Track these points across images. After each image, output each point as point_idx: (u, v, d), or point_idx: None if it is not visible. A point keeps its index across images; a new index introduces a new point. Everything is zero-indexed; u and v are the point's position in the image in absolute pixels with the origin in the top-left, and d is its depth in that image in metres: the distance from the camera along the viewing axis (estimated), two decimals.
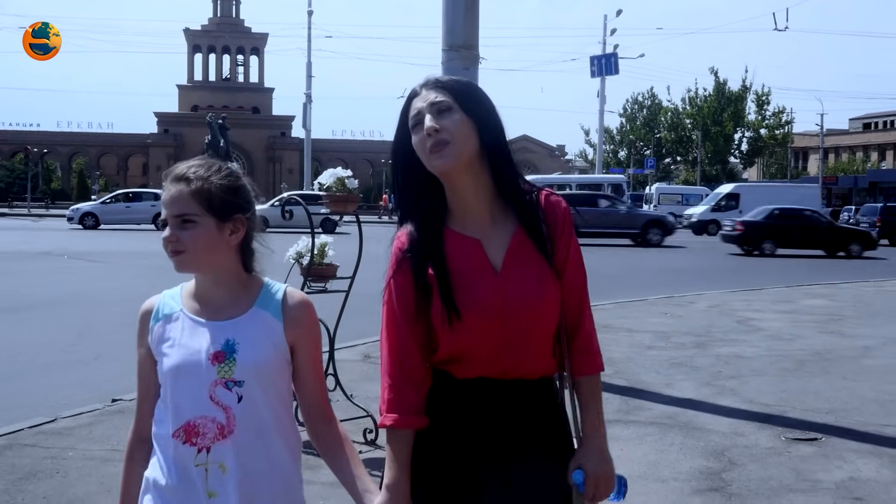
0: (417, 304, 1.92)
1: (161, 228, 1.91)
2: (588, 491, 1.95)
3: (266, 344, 1.89)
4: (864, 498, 4.33)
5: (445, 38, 7.76)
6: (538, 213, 1.96)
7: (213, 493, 1.85)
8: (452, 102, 1.89)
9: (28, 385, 7.06)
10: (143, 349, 1.94)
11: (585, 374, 2.00)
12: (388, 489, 1.88)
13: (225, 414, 1.85)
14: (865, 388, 6.94)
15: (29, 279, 15.13)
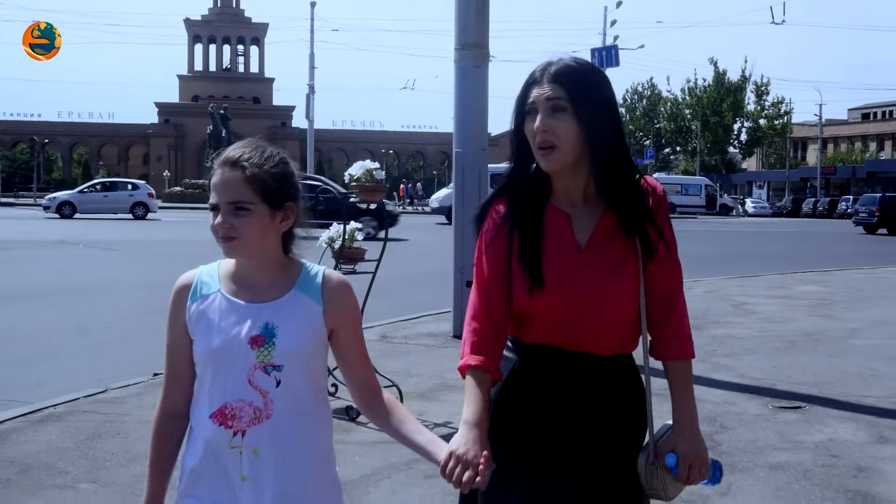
0: (506, 261, 2.00)
1: (212, 211, 1.85)
2: (681, 473, 1.97)
3: (305, 328, 1.88)
4: (840, 455, 4.85)
5: (458, 38, 8.25)
6: (633, 197, 2.00)
7: (246, 476, 1.84)
8: (566, 102, 1.93)
9: (69, 363, 7.58)
10: (178, 326, 1.89)
11: (676, 358, 2.03)
12: (466, 424, 1.91)
13: (262, 398, 1.84)
14: (849, 364, 7.47)
15: (51, 266, 15.69)
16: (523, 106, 1.99)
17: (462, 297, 8.44)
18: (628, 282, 1.97)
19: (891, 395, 6.29)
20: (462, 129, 8.40)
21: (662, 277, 2.01)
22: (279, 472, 1.84)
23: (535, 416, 2.00)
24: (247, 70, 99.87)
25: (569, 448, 1.98)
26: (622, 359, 2.04)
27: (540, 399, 2.00)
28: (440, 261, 12.58)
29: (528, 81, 2.00)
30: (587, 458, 1.98)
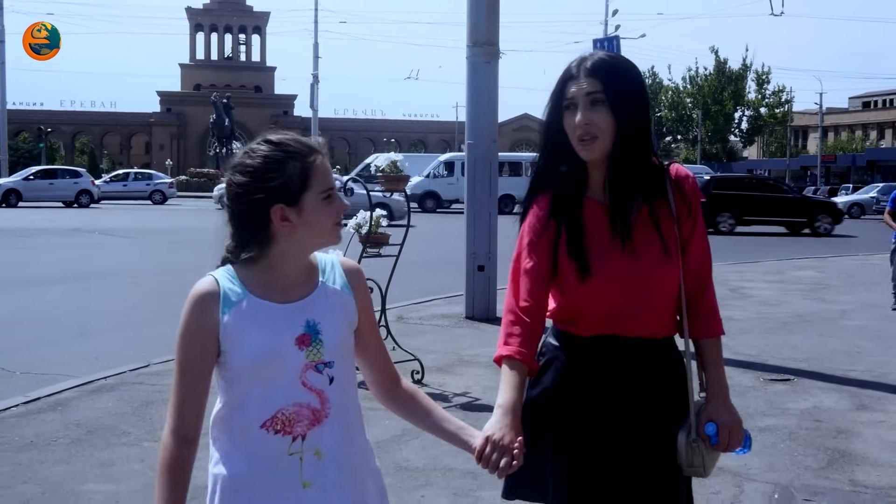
0: (549, 257, 2.07)
1: (333, 203, 1.79)
2: (722, 441, 2.04)
3: (343, 319, 1.84)
4: (823, 420, 5.36)
5: (470, 35, 8.73)
6: (666, 186, 2.08)
7: (308, 482, 1.77)
8: (604, 96, 2.01)
9: (107, 341, 8.09)
10: (202, 339, 1.73)
11: (708, 335, 2.11)
12: (501, 408, 1.94)
13: (318, 398, 1.78)
14: (838, 342, 7.98)
15: (71, 252, 16.22)
16: (561, 100, 2.05)
17: (474, 280, 8.96)
18: (669, 266, 2.04)
19: (874, 370, 6.80)
20: (474, 122, 8.88)
21: (694, 261, 2.09)
22: (343, 472, 1.80)
23: (589, 405, 2.06)
24: (248, 59, 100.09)
25: (619, 432, 2.04)
26: (668, 342, 2.12)
27: (596, 383, 2.06)
28: (448, 247, 13.09)
29: (564, 77, 2.06)
30: (634, 440, 2.04)
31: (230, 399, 1.76)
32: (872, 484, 4.29)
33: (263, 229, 1.76)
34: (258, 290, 1.76)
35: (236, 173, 1.78)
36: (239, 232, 1.79)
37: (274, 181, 1.74)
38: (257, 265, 1.78)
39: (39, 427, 4.98)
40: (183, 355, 1.75)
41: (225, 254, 1.82)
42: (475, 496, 4.03)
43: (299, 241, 1.78)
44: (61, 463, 4.40)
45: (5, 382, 6.28)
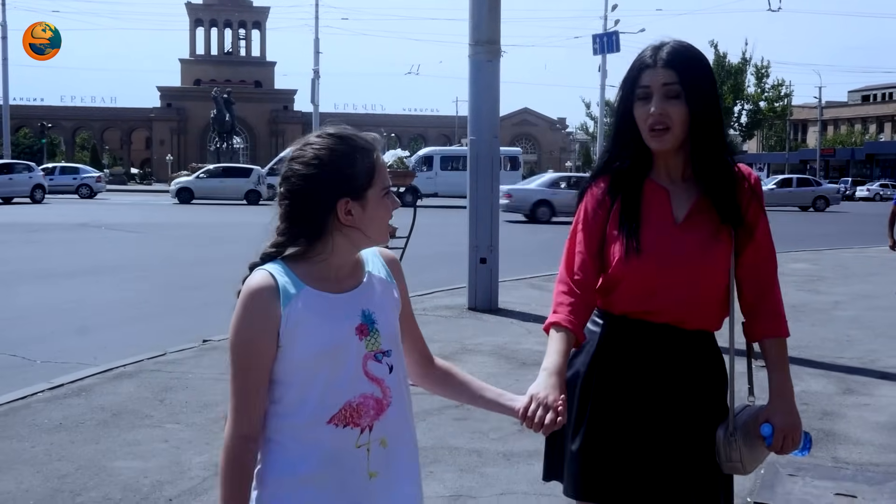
0: (601, 232, 2.11)
1: (390, 200, 1.82)
2: (776, 443, 2.05)
3: (393, 307, 1.85)
4: (810, 403, 5.63)
5: (472, 34, 8.98)
6: (728, 180, 2.08)
7: (374, 472, 1.77)
8: (680, 89, 2.01)
9: (122, 331, 8.36)
10: (264, 336, 1.70)
11: (773, 336, 2.12)
12: (545, 370, 1.96)
13: (380, 387, 1.77)
14: (829, 331, 8.25)
15: (81, 247, 16.51)
16: (634, 88, 2.05)
17: (476, 272, 9.22)
18: (719, 259, 2.04)
19: (862, 357, 7.07)
20: (476, 118, 9.14)
21: (759, 261, 2.10)
22: (404, 459, 1.83)
23: (621, 384, 2.08)
24: (248, 54, 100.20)
25: (651, 417, 2.05)
26: (705, 335, 2.11)
27: (626, 368, 2.08)
28: (449, 242, 13.35)
29: (638, 65, 2.05)
30: (667, 429, 2.05)
31: (288, 397, 1.73)
32: (853, 460, 4.56)
33: (322, 222, 1.73)
34: (313, 281, 1.74)
35: (300, 164, 1.74)
36: (295, 225, 1.75)
37: (343, 174, 1.73)
38: (307, 259, 1.75)
39: (66, 411, 5.25)
40: (244, 352, 1.70)
41: (269, 249, 1.76)
42: (480, 472, 4.29)
43: (356, 235, 1.76)
44: (90, 443, 4.67)
45: (28, 371, 6.55)
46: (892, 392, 5.97)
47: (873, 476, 4.33)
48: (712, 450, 2.06)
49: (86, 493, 3.95)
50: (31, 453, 4.49)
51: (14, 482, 4.08)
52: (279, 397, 1.73)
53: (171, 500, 3.89)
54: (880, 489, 4.16)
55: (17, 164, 36.13)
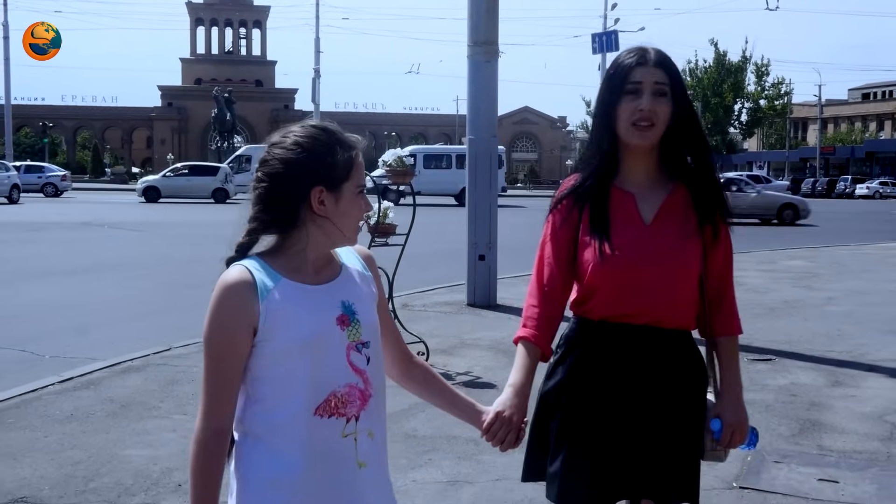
0: (570, 245, 2.16)
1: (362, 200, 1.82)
2: (724, 438, 2.14)
3: (370, 299, 1.86)
4: (798, 395, 5.79)
5: (470, 35, 9.15)
6: (710, 178, 2.18)
7: (363, 463, 1.78)
8: (669, 89, 2.11)
9: (126, 327, 8.53)
10: (240, 329, 1.69)
11: (726, 334, 2.19)
12: (511, 387, 2.10)
13: (361, 378, 1.78)
14: (820, 326, 8.41)
15: (84, 246, 16.68)
16: (623, 84, 2.09)
17: (475, 270, 9.38)
18: (691, 258, 2.10)
19: (851, 350, 7.23)
20: (474, 118, 9.31)
21: (721, 263, 2.17)
22: (385, 449, 1.86)
23: (605, 388, 2.13)
24: (249, 53, 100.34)
25: (636, 416, 2.12)
26: (683, 334, 2.16)
27: (609, 372, 2.13)
28: (449, 240, 13.51)
29: (628, 65, 2.10)
30: (652, 426, 2.11)
31: (271, 393, 1.72)
32: (838, 448, 4.72)
33: (295, 211, 1.74)
34: (290, 273, 1.74)
35: (280, 149, 1.76)
36: (268, 210, 1.75)
37: (321, 163, 1.74)
38: (283, 251, 1.77)
39: (76, 402, 5.42)
40: (218, 346, 1.70)
41: (242, 238, 1.79)
42: (476, 459, 4.45)
43: (327, 228, 1.77)
44: (101, 432, 4.84)
45: (37, 365, 6.71)
46: (879, 384, 6.13)
47: (856, 463, 4.50)
48: (693, 440, 2.15)
49: (98, 479, 4.12)
50: (45, 442, 4.66)
51: (30, 469, 4.25)
52: (262, 395, 1.72)
53: (181, 485, 4.05)
54: (862, 475, 4.32)
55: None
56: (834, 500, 3.99)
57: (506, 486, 4.07)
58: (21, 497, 3.90)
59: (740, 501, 3.95)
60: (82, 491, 3.98)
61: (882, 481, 4.23)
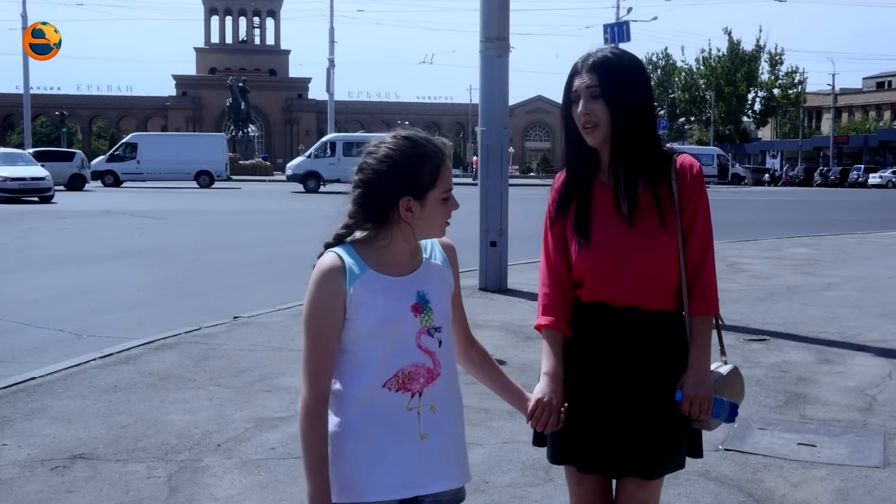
0: (564, 235, 2.38)
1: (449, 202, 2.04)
2: (684, 407, 2.29)
3: (446, 290, 2.08)
4: (788, 371, 6.20)
5: (483, 31, 9.54)
6: (670, 173, 2.31)
7: (425, 434, 2.00)
8: (599, 90, 2.26)
9: (156, 309, 9.00)
10: (334, 309, 1.95)
11: (700, 314, 2.32)
12: (546, 375, 2.33)
13: (431, 359, 2.01)
14: (817, 310, 8.79)
15: (108, 233, 17.26)
16: (569, 94, 2.32)
17: (487, 256, 9.80)
18: (666, 246, 2.27)
19: (844, 332, 7.62)
20: (486, 110, 9.72)
21: (693, 244, 2.30)
22: (453, 424, 2.07)
23: (593, 363, 2.33)
24: (263, 42, 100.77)
25: (622, 387, 2.30)
26: (666, 314, 2.32)
27: (596, 348, 2.33)
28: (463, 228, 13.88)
29: (571, 73, 2.32)
30: (637, 396, 2.30)
31: (349, 366, 1.98)
32: (819, 417, 5.13)
33: (386, 213, 1.98)
34: (375, 265, 1.98)
35: (373, 158, 2.01)
36: (363, 210, 2.01)
37: (409, 175, 1.97)
38: (372, 244, 2.00)
39: (118, 375, 5.88)
40: (318, 322, 1.96)
41: (340, 229, 2.04)
42: (486, 425, 4.89)
43: (414, 229, 2.01)
44: (144, 401, 5.30)
45: (77, 343, 7.20)
46: (865, 362, 6.52)
47: (834, 429, 4.90)
48: (676, 412, 2.31)
49: (146, 440, 4.58)
50: (94, 409, 5.13)
51: (83, 431, 4.72)
52: (341, 365, 1.99)
53: (220, 444, 4.51)
54: (839, 440, 4.73)
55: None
56: (810, 460, 4.40)
57: (512, 448, 4.50)
58: (79, 454, 4.37)
59: (723, 461, 4.36)
60: (133, 449, 4.44)
61: (856, 445, 4.63)
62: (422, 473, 2.01)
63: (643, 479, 2.36)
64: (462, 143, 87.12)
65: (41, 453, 4.37)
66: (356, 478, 1.98)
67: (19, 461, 4.27)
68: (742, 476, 4.17)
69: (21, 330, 7.74)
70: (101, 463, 4.25)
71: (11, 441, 4.55)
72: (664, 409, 2.31)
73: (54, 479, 4.05)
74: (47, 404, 5.20)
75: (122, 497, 3.85)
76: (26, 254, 13.51)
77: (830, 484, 4.09)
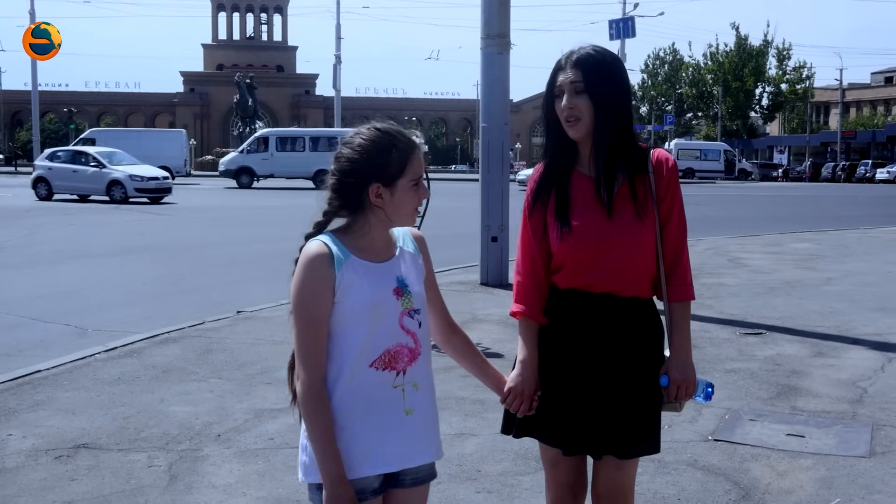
0: (543, 224, 2.45)
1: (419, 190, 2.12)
2: (671, 392, 2.40)
3: (419, 275, 2.20)
4: (782, 364, 6.27)
5: (483, 28, 9.62)
6: (647, 166, 2.41)
7: (410, 410, 2.12)
8: (583, 85, 2.35)
9: (161, 304, 9.12)
10: (325, 294, 2.04)
11: (678, 300, 2.43)
12: (521, 363, 2.43)
13: (413, 339, 2.13)
14: (814, 304, 8.86)
15: (119, 229, 17.41)
16: (553, 89, 2.41)
17: (488, 250, 9.90)
18: (642, 236, 2.36)
19: (839, 326, 7.69)
20: (488, 107, 9.80)
21: (669, 235, 2.40)
22: (432, 401, 2.21)
23: (569, 347, 2.42)
24: (270, 39, 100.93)
25: (594, 373, 2.40)
26: (641, 301, 2.43)
27: (573, 333, 2.42)
28: (466, 224, 13.99)
29: (555, 68, 2.41)
30: (611, 377, 2.39)
31: (337, 347, 2.07)
32: (809, 409, 5.21)
33: (358, 200, 2.11)
34: (357, 251, 2.10)
35: (348, 148, 2.13)
36: (339, 198, 2.13)
37: (376, 163, 2.09)
38: (350, 232, 2.12)
39: (122, 368, 6.00)
40: (311, 307, 2.05)
41: (320, 217, 2.16)
42: (481, 416, 4.99)
43: (385, 216, 2.12)
44: (147, 392, 5.41)
45: (82, 336, 7.33)
46: (859, 355, 6.59)
47: (823, 421, 4.98)
48: (649, 396, 2.42)
49: (148, 430, 4.70)
50: (98, 400, 5.24)
51: (87, 421, 4.83)
52: (329, 347, 2.08)
53: (220, 435, 4.62)
54: (827, 431, 4.81)
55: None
56: (797, 450, 4.48)
57: (505, 439, 4.52)
58: (83, 443, 4.48)
59: (712, 451, 4.45)
60: (135, 439, 4.55)
61: (844, 436, 4.71)
62: (408, 447, 2.13)
63: (619, 459, 2.45)
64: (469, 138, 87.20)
65: (45, 443, 4.49)
66: (351, 454, 2.06)
67: (24, 450, 4.38)
68: (729, 465, 4.26)
69: (27, 324, 7.87)
70: (104, 452, 4.37)
71: (17, 431, 4.67)
72: (638, 391, 2.40)
73: (58, 467, 4.16)
74: (52, 396, 5.31)
75: (123, 485, 3.96)
76: (33, 250, 13.65)
77: (816, 473, 4.17)
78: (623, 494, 2.53)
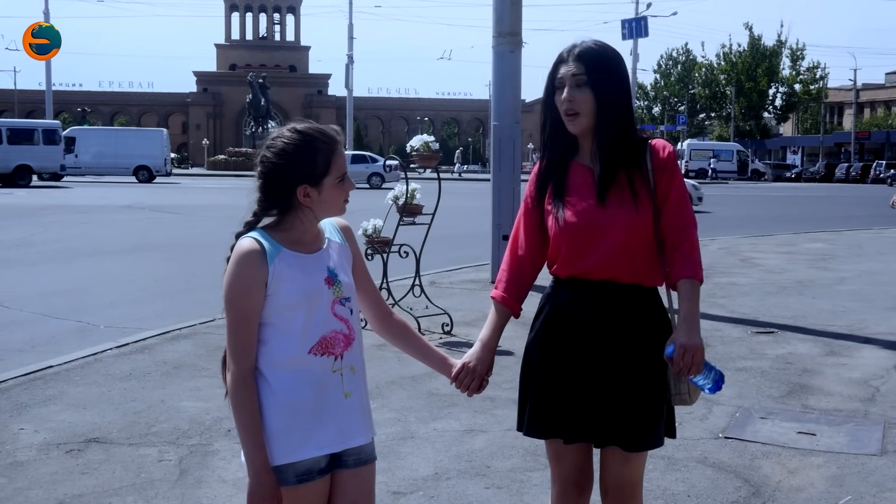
0: (540, 215, 2.48)
1: (344, 184, 2.19)
2: (676, 360, 2.26)
3: (347, 265, 2.29)
4: (793, 363, 6.24)
5: (495, 26, 9.62)
6: (645, 155, 2.41)
7: (349, 393, 2.21)
8: (586, 79, 2.36)
9: (172, 302, 9.15)
10: (257, 288, 2.11)
11: (686, 276, 2.34)
12: (480, 342, 2.48)
13: (346, 325, 2.21)
14: (827, 303, 8.81)
15: (129, 227, 17.44)
16: (553, 81, 2.42)
17: (499, 249, 9.88)
18: (639, 225, 2.35)
19: (852, 325, 7.65)
20: (499, 105, 9.80)
21: (671, 214, 2.38)
22: (365, 384, 2.29)
23: (568, 337, 2.41)
24: (283, 38, 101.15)
25: (598, 360, 2.38)
26: (641, 289, 2.42)
27: (574, 321, 2.41)
28: (476, 223, 14.01)
29: (556, 61, 2.42)
30: (612, 368, 2.37)
31: (274, 337, 2.13)
32: (820, 407, 5.18)
33: (287, 200, 2.17)
34: (288, 245, 2.16)
35: (270, 152, 2.17)
36: (267, 199, 2.19)
37: (302, 166, 2.14)
38: (280, 228, 2.18)
39: (133, 364, 6.03)
40: (243, 302, 2.11)
41: (249, 217, 2.21)
42: (491, 413, 4.98)
43: (315, 212, 2.20)
44: (158, 388, 5.44)
45: (94, 333, 7.36)
46: (871, 354, 6.56)
47: (834, 419, 4.96)
48: (654, 384, 2.38)
49: (159, 425, 4.72)
50: (109, 396, 5.26)
51: (98, 416, 4.86)
52: (268, 337, 2.14)
53: (230, 430, 4.61)
54: (838, 429, 4.78)
55: None
56: (808, 448, 4.46)
57: (515, 435, 4.52)
58: (94, 438, 4.51)
59: (722, 449, 4.43)
60: (146, 434, 4.57)
61: (855, 434, 4.69)
62: (348, 427, 2.22)
63: (626, 452, 2.43)
64: (481, 138, 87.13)
65: (57, 437, 4.51)
66: (293, 437, 2.14)
67: (35, 444, 4.41)
68: (740, 463, 4.24)
69: (40, 321, 7.92)
70: (115, 446, 4.39)
71: (28, 426, 4.69)
72: (640, 381, 2.38)
73: (69, 461, 4.19)
74: (63, 391, 5.34)
75: (133, 479, 3.98)
76: (46, 247, 13.73)
77: (827, 471, 4.15)
78: (631, 489, 2.51)
